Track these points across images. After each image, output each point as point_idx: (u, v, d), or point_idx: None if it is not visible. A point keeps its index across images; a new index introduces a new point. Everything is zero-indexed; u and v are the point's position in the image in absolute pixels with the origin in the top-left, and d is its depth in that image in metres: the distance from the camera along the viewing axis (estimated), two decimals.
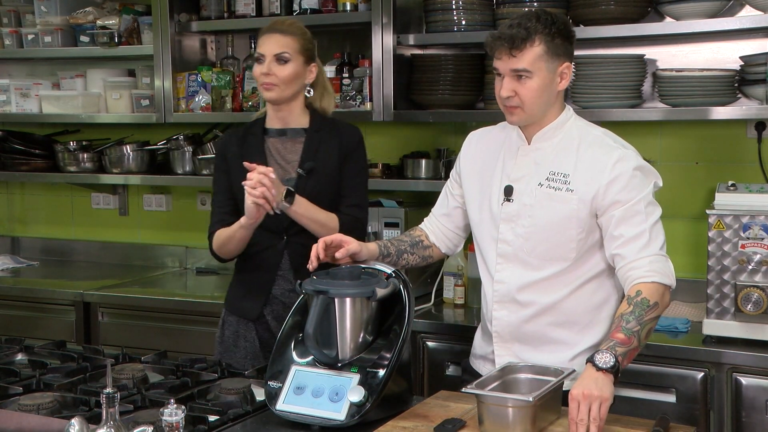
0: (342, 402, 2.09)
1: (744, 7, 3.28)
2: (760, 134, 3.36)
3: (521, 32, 2.23)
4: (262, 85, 2.74)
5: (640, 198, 2.26)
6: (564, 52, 2.29)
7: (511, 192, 2.36)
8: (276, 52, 2.72)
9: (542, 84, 2.26)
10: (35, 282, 4.22)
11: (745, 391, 2.79)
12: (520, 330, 2.38)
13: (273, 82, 2.72)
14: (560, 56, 2.28)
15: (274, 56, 2.72)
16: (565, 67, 2.30)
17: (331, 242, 2.35)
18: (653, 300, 2.17)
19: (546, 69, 2.26)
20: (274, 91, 2.73)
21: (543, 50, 2.24)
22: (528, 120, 2.33)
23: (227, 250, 2.78)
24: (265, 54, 2.73)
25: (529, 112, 2.30)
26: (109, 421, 1.78)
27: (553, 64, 2.27)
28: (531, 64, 2.24)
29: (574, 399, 1.97)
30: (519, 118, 2.31)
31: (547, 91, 2.28)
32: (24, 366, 2.61)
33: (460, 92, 3.61)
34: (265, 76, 2.72)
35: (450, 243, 2.61)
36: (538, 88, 2.26)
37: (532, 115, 2.31)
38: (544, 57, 2.25)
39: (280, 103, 2.77)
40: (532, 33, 2.23)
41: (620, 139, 2.37)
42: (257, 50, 2.76)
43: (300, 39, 2.76)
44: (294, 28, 2.77)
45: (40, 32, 4.31)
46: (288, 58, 2.73)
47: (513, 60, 2.25)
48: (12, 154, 4.46)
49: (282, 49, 2.73)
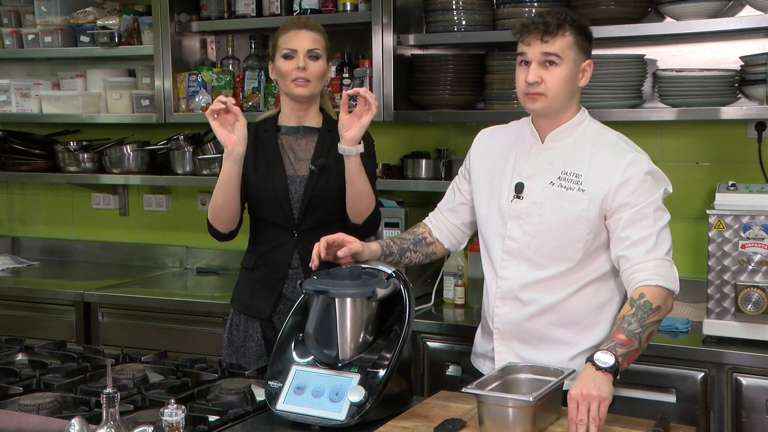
0: (342, 402, 2.09)
1: (744, 7, 3.28)
2: (760, 134, 3.36)
3: (555, 20, 2.28)
4: (293, 81, 2.70)
5: (649, 202, 2.26)
6: (587, 50, 2.34)
7: (521, 189, 2.36)
8: (309, 47, 2.71)
9: (569, 74, 2.29)
10: (35, 282, 4.22)
11: (745, 392, 2.79)
12: (521, 328, 2.38)
13: (308, 77, 2.70)
14: (584, 52, 2.33)
15: (307, 52, 2.70)
16: (587, 64, 2.34)
17: (333, 241, 2.36)
18: (656, 303, 2.17)
19: (573, 60, 2.30)
20: (308, 87, 2.71)
21: (573, 41, 2.29)
22: (549, 109, 2.33)
23: (219, 209, 2.70)
24: (298, 49, 2.70)
25: (552, 100, 2.30)
26: (110, 422, 1.78)
27: (579, 57, 2.31)
28: (562, 51, 2.28)
29: (573, 399, 1.97)
30: (542, 105, 2.31)
31: (570, 83, 2.31)
32: (24, 366, 2.61)
33: (460, 92, 3.61)
34: (299, 72, 2.69)
35: (454, 239, 2.60)
36: (565, 77, 2.29)
37: (554, 104, 2.31)
38: (573, 47, 2.29)
39: (306, 101, 2.74)
40: (563, 23, 2.28)
41: (633, 144, 2.38)
42: (285, 46, 2.71)
43: (324, 37, 2.76)
44: (320, 27, 2.77)
45: (41, 32, 4.31)
46: (319, 54, 2.73)
47: (545, 45, 2.28)
48: (12, 154, 4.46)
49: (314, 45, 2.72)
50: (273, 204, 2.75)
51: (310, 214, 2.75)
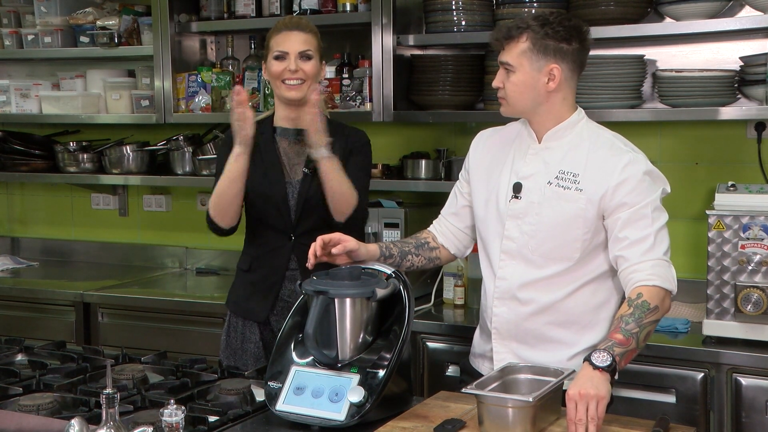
0: (342, 402, 2.09)
1: (744, 8, 3.28)
2: (759, 135, 3.36)
3: (512, 27, 2.31)
4: (285, 83, 2.70)
5: (647, 202, 2.26)
6: (555, 53, 2.29)
7: (519, 189, 2.37)
8: (301, 49, 2.70)
9: (523, 80, 2.30)
10: (35, 282, 4.22)
11: (745, 392, 2.79)
12: (519, 328, 2.38)
13: (301, 78, 2.70)
14: (548, 56, 2.29)
15: (299, 53, 2.70)
16: (553, 68, 2.30)
17: (329, 240, 2.35)
18: (653, 303, 2.17)
19: (529, 66, 2.29)
20: (300, 90, 2.71)
21: (527, 47, 2.29)
22: (513, 114, 2.40)
23: (224, 201, 2.70)
24: (289, 51, 2.70)
25: (512, 105, 2.36)
26: (109, 422, 1.78)
27: (538, 63, 2.29)
28: (514, 59, 2.31)
29: (571, 399, 1.97)
30: (505, 110, 2.40)
31: (530, 89, 2.31)
32: (24, 366, 2.61)
33: (459, 93, 3.61)
34: (292, 73, 2.69)
35: (459, 243, 2.60)
36: (520, 83, 2.31)
37: (516, 109, 2.36)
38: (527, 54, 2.29)
39: (299, 104, 2.73)
40: (522, 29, 2.29)
41: (630, 143, 2.38)
42: (277, 48, 2.71)
43: (317, 37, 2.76)
44: (312, 27, 2.77)
45: (40, 33, 4.31)
46: (311, 55, 2.72)
47: (503, 53, 2.34)
48: (12, 154, 4.45)
49: (306, 46, 2.71)
50: (271, 207, 2.75)
51: (306, 217, 2.75)
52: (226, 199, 2.70)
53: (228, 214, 2.73)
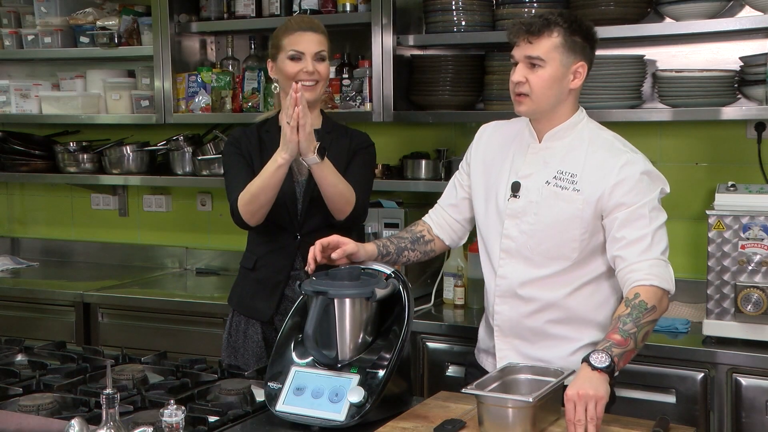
0: (342, 403, 2.09)
1: (744, 8, 3.28)
2: (759, 135, 3.36)
3: (541, 21, 2.27)
4: (299, 83, 2.63)
5: (645, 202, 2.26)
6: (581, 51, 2.30)
7: (518, 188, 2.37)
8: (317, 50, 2.71)
9: (553, 75, 2.28)
10: (35, 283, 4.22)
11: (744, 392, 2.79)
12: (521, 325, 2.39)
13: (316, 79, 2.69)
14: (576, 54, 2.30)
15: (314, 54, 2.70)
16: (580, 66, 2.31)
17: (328, 244, 2.35)
18: (651, 303, 2.17)
19: (560, 62, 2.28)
20: (314, 91, 2.70)
21: (560, 42, 2.27)
22: (534, 112, 2.34)
23: (258, 204, 2.64)
24: (305, 52, 2.69)
25: (536, 102, 2.30)
26: (109, 422, 1.78)
27: (568, 59, 2.28)
28: (546, 53, 2.27)
29: (569, 400, 1.98)
30: (527, 107, 2.32)
31: (557, 85, 2.29)
32: (24, 367, 2.61)
33: (459, 93, 3.61)
34: (309, 75, 2.69)
35: (454, 235, 2.60)
36: (549, 78, 2.27)
37: (539, 106, 2.31)
38: (560, 49, 2.27)
39: (314, 103, 2.73)
40: (551, 24, 2.27)
41: (629, 144, 2.38)
42: (291, 48, 2.70)
43: (327, 38, 2.76)
44: (323, 28, 2.77)
45: (40, 33, 4.31)
46: (325, 56, 2.73)
47: (529, 47, 2.28)
48: (12, 154, 4.46)
49: (321, 47, 2.72)
50: (279, 206, 2.74)
51: (311, 216, 2.75)
52: (259, 202, 2.65)
53: (258, 215, 2.69)
